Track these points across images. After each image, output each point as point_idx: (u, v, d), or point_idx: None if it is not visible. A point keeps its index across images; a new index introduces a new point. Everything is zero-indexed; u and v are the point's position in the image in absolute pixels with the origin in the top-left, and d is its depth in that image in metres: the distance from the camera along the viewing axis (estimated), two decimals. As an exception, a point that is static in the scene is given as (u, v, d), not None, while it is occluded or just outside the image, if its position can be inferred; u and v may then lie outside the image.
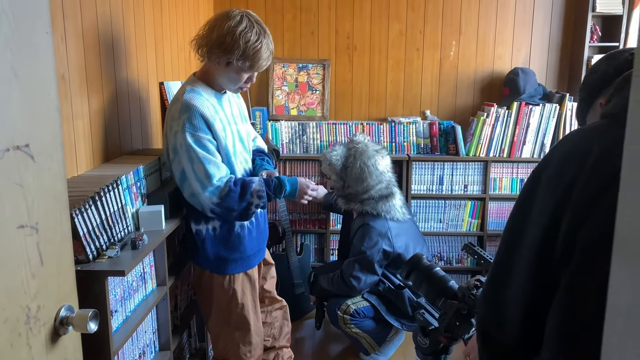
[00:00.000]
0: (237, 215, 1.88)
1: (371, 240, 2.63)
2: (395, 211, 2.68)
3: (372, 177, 2.64)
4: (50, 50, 1.08)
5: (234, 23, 1.80)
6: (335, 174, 2.73)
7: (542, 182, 0.89)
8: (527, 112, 3.25)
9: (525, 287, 0.90)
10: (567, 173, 0.84)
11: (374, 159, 2.64)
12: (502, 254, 0.97)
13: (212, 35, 1.81)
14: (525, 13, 3.46)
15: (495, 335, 0.97)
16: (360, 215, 2.73)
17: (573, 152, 0.87)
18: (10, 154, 0.95)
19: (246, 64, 1.84)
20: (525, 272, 0.89)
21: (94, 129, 1.80)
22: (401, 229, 2.72)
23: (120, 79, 2.01)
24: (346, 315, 2.70)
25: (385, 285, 2.74)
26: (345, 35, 3.50)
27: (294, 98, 3.50)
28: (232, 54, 1.81)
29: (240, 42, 1.79)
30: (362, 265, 2.64)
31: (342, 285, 2.70)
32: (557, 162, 0.88)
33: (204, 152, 1.80)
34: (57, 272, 1.11)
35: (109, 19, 1.91)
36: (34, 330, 1.03)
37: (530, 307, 0.90)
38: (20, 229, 0.98)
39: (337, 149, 2.76)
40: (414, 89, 3.57)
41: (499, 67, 3.53)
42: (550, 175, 0.88)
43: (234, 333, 2.06)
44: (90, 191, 1.46)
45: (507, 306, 0.93)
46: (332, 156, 2.71)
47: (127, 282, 1.62)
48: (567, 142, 0.91)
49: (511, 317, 0.93)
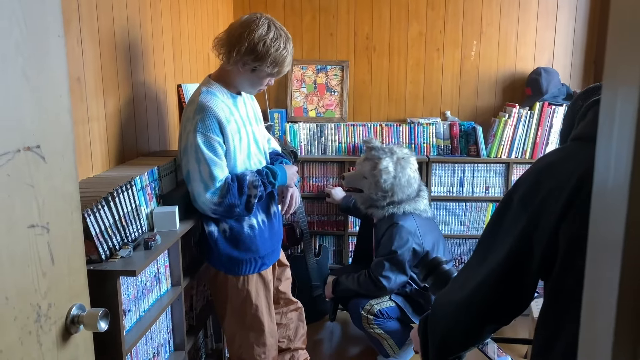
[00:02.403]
0: (240, 211, 1.90)
1: (402, 239, 2.62)
2: (426, 207, 2.75)
3: (416, 180, 2.72)
4: (62, 53, 1.10)
5: (264, 31, 1.84)
6: (374, 184, 2.67)
7: (513, 203, 0.96)
8: (549, 112, 3.18)
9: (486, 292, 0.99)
10: (541, 188, 0.91)
11: (414, 164, 2.73)
12: (470, 264, 1.07)
13: (242, 42, 1.84)
14: (548, 14, 3.39)
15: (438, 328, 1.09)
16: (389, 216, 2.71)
17: (547, 169, 0.94)
18: (21, 154, 0.97)
19: (275, 69, 1.90)
20: (486, 283, 0.98)
21: (110, 131, 1.83)
22: (427, 226, 2.73)
23: (138, 81, 2.04)
24: (370, 315, 2.68)
25: (412, 286, 2.72)
26: (364, 36, 3.48)
27: (312, 99, 3.50)
28: (264, 62, 1.86)
29: (271, 50, 1.84)
30: (393, 264, 2.63)
31: (371, 285, 2.67)
32: (530, 182, 0.94)
33: (212, 154, 1.83)
34: (68, 271, 1.12)
35: (125, 23, 1.94)
36: (45, 328, 1.05)
37: (483, 312, 1.01)
38: (30, 228, 1.00)
39: (386, 162, 2.65)
40: (434, 89, 3.53)
41: (522, 67, 3.46)
42: (524, 195, 0.94)
43: (248, 334, 2.07)
44: (103, 192, 1.48)
45: (461, 306, 1.04)
46: (388, 168, 2.64)
47: (141, 282, 1.64)
48: (540, 164, 0.97)
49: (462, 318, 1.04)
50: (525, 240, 0.91)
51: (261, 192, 1.93)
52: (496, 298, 0.98)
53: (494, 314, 1.00)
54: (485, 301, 0.99)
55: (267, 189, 1.98)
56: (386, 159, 2.67)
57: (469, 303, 1.01)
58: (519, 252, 0.93)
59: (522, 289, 0.96)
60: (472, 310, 1.01)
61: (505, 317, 1.01)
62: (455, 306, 1.04)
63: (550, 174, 0.91)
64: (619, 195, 0.42)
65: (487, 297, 0.98)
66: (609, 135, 0.45)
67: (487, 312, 1.00)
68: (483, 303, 0.99)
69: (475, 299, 1.00)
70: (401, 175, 2.65)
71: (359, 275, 2.74)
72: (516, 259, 0.93)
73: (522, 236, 0.92)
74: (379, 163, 2.66)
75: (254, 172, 1.98)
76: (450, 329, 1.06)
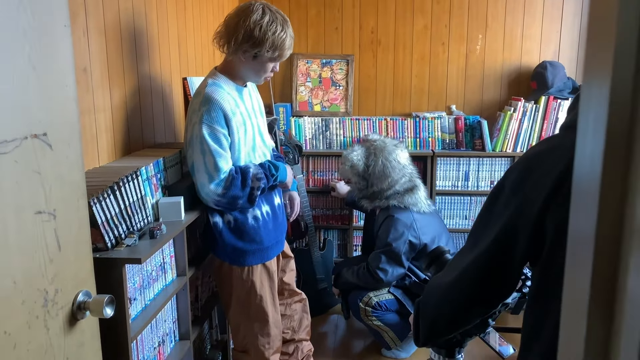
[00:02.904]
0: (243, 203, 1.91)
1: (397, 231, 2.62)
2: (421, 203, 2.69)
3: (396, 171, 2.65)
4: (68, 43, 1.11)
5: (258, 16, 1.83)
6: (356, 175, 2.74)
7: (505, 190, 0.98)
8: (555, 106, 3.18)
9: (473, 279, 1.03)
10: (530, 176, 0.94)
11: (394, 154, 2.65)
12: (462, 249, 1.09)
13: (238, 30, 1.84)
14: (554, 7, 3.38)
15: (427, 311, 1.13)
16: (384, 209, 2.73)
17: (537, 158, 0.96)
18: (28, 142, 0.99)
19: (275, 53, 1.88)
20: (473, 266, 1.01)
21: (116, 122, 1.85)
22: (426, 220, 2.71)
23: (143, 73, 2.06)
24: (368, 307, 2.70)
25: (411, 279, 2.72)
26: (369, 31, 3.48)
27: (317, 94, 3.51)
28: (262, 47, 1.85)
29: (268, 34, 1.83)
30: (389, 257, 2.64)
31: (369, 278, 2.69)
32: (520, 169, 0.97)
33: (217, 146, 1.84)
34: (74, 258, 1.14)
35: (131, 15, 1.95)
36: (52, 313, 1.07)
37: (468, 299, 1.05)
38: (37, 214, 1.02)
39: (357, 149, 2.77)
40: (439, 83, 3.53)
41: (527, 61, 3.45)
42: (513, 182, 0.97)
43: (252, 324, 2.09)
44: (109, 181, 1.50)
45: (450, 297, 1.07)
46: (352, 157, 2.73)
47: (147, 271, 1.66)
48: (530, 152, 1.00)
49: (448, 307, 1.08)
50: (511, 226, 0.94)
51: (264, 184, 1.95)
52: (481, 281, 1.01)
53: (480, 297, 1.03)
54: (470, 284, 1.02)
55: (270, 182, 1.99)
56: (358, 149, 2.75)
57: (456, 285, 1.04)
58: (504, 237, 0.95)
59: (506, 273, 0.98)
60: (458, 293, 1.04)
61: (491, 301, 1.04)
62: (443, 288, 1.07)
63: (538, 163, 0.94)
64: (592, 186, 0.43)
65: (473, 280, 1.01)
66: (585, 128, 0.46)
67: (472, 295, 1.03)
68: (469, 285, 1.02)
69: (461, 282, 1.03)
70: (374, 164, 2.66)
71: (358, 268, 2.76)
72: (502, 244, 0.96)
73: (509, 222, 0.94)
74: (351, 152, 2.73)
75: (257, 165, 1.99)
76: (438, 311, 1.10)
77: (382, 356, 2.83)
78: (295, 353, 2.37)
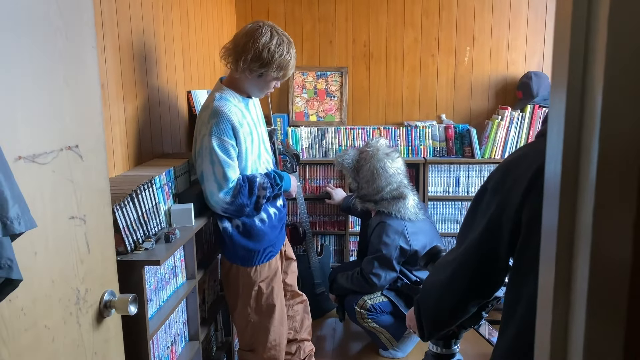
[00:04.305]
0: (249, 210, 2.03)
1: (388, 237, 2.74)
2: (406, 211, 2.78)
3: (381, 179, 2.78)
4: (95, 62, 1.22)
5: (267, 39, 1.96)
6: (350, 175, 2.94)
7: (487, 192, 1.11)
8: (540, 114, 3.32)
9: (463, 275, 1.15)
10: (509, 178, 1.06)
11: (382, 162, 2.78)
12: (453, 248, 1.22)
13: (247, 50, 1.97)
14: (537, 20, 3.54)
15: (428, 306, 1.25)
16: (377, 214, 2.85)
17: (514, 162, 1.09)
18: (63, 153, 1.09)
19: (280, 73, 2.03)
20: (464, 262, 1.14)
21: (130, 134, 1.95)
22: (417, 227, 2.82)
23: (152, 87, 2.17)
24: (363, 310, 2.81)
25: (403, 281, 2.84)
26: (362, 44, 3.62)
27: (313, 104, 3.63)
28: (269, 67, 1.98)
29: (276, 56, 1.97)
30: (381, 262, 2.75)
31: (363, 283, 2.80)
32: (501, 172, 1.10)
33: (225, 157, 1.95)
34: (101, 260, 1.24)
35: (142, 33, 2.06)
36: (83, 310, 1.17)
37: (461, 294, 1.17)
38: (71, 219, 1.12)
39: (350, 152, 2.98)
40: (430, 93, 3.67)
41: (513, 71, 3.60)
42: (495, 184, 1.09)
43: (259, 324, 2.18)
44: (128, 189, 1.60)
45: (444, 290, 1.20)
46: (344, 159, 2.93)
47: (161, 274, 1.75)
48: (508, 158, 1.13)
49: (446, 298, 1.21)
50: (495, 222, 1.07)
51: (269, 193, 2.07)
52: (474, 275, 1.14)
53: (474, 290, 1.16)
54: (464, 279, 1.15)
55: (275, 190, 2.11)
56: (351, 152, 2.99)
57: (451, 282, 1.17)
58: (490, 233, 1.08)
59: (495, 265, 1.11)
60: (454, 288, 1.18)
61: (486, 292, 1.17)
62: (439, 286, 1.21)
63: (516, 166, 1.07)
64: (555, 185, 0.55)
65: (466, 275, 1.15)
66: (553, 132, 0.57)
67: (468, 289, 1.16)
68: (463, 280, 1.16)
69: (456, 278, 1.16)
70: (362, 169, 2.84)
71: (352, 274, 2.87)
72: (488, 239, 1.09)
73: (493, 219, 1.07)
74: (344, 155, 2.99)
75: (263, 174, 2.11)
76: (438, 306, 1.23)
77: (380, 357, 2.93)
78: (297, 353, 2.46)
